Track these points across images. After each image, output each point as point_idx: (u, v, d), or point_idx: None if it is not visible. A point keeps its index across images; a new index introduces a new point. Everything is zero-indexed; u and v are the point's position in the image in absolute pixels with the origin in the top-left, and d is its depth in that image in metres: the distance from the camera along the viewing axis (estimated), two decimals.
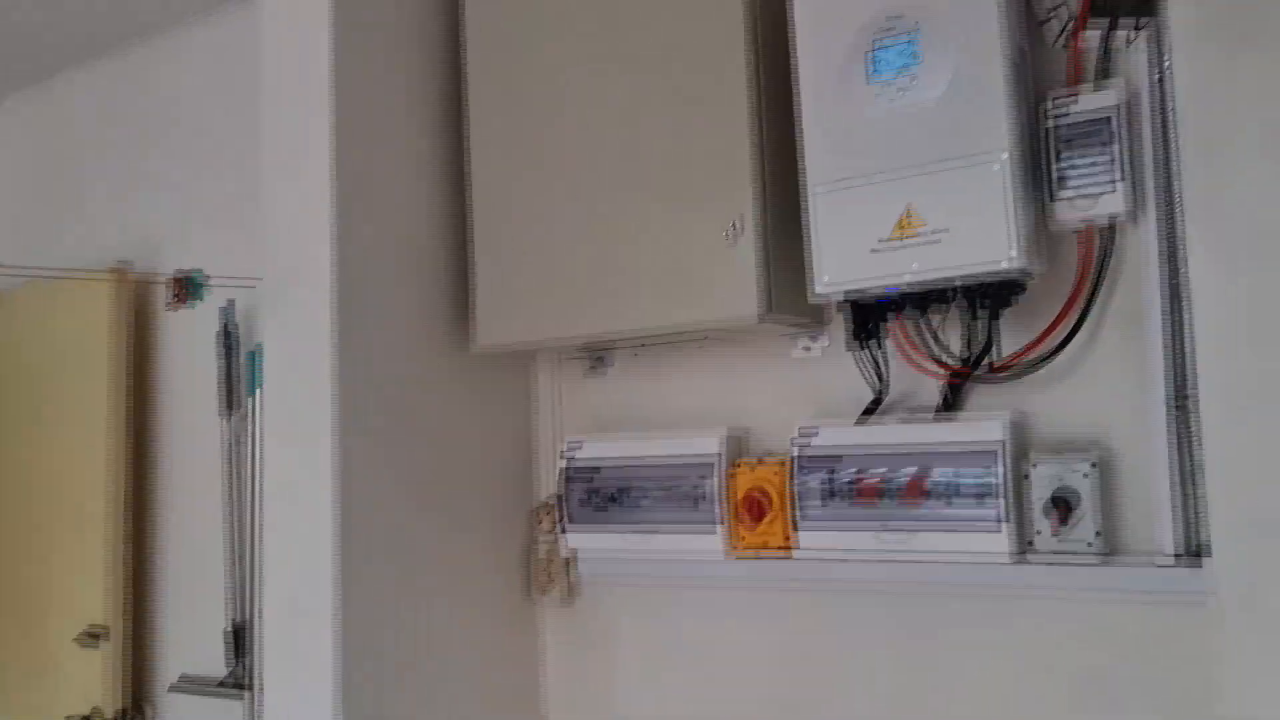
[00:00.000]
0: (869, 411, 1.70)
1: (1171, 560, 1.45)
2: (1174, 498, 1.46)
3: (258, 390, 2.04)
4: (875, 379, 1.68)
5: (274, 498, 1.74)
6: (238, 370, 2.08)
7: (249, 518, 2.02)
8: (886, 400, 1.69)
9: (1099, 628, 1.52)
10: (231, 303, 2.08)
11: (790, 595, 1.78)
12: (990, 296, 1.48)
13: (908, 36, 1.50)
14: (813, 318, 1.72)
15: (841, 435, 1.67)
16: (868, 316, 1.61)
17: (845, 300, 1.60)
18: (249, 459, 2.03)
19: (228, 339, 2.08)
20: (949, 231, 1.45)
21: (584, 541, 1.91)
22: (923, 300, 1.53)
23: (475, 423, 1.94)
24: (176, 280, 1.70)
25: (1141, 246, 1.50)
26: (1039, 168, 1.51)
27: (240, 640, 2.07)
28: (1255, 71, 1.33)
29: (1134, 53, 1.53)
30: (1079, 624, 1.53)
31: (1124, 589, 1.49)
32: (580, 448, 1.93)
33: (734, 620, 1.83)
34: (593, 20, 1.74)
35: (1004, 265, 1.41)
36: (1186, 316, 1.44)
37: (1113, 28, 1.54)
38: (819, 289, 1.55)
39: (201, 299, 1.74)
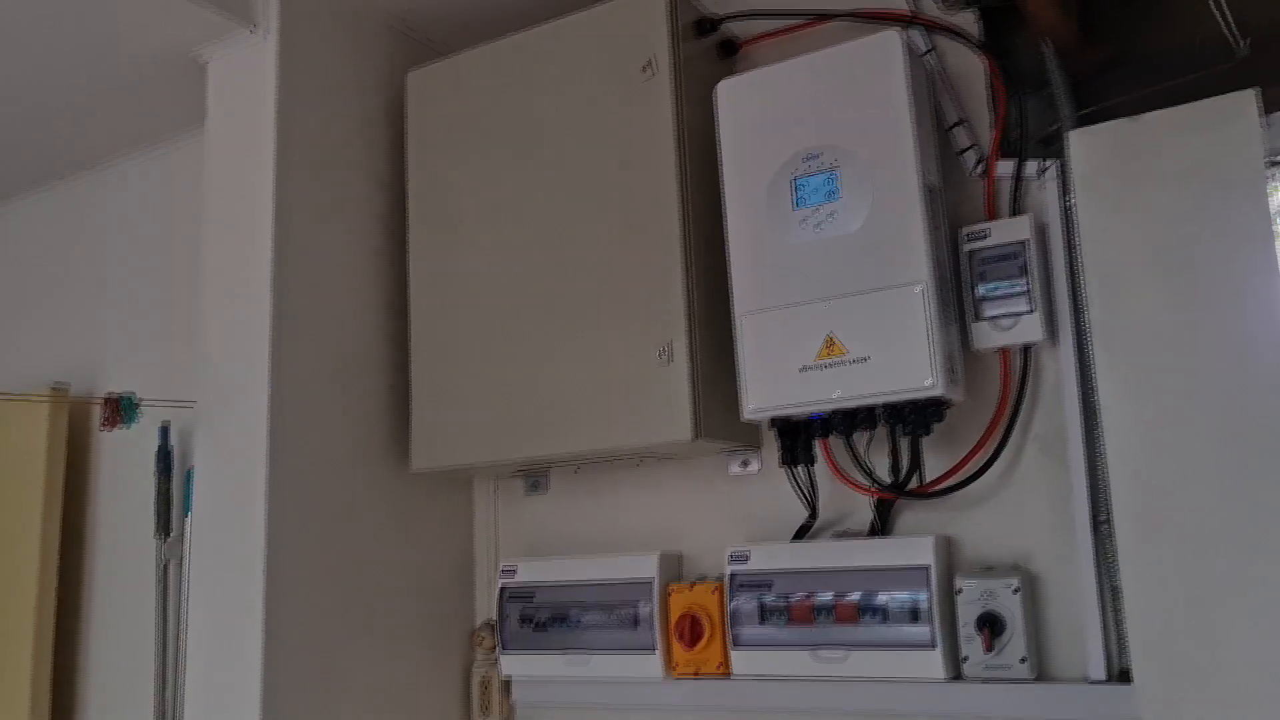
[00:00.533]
0: (802, 532, 1.71)
1: (1101, 681, 1.46)
2: (1101, 620, 1.48)
3: (189, 514, 2.03)
4: (807, 499, 1.69)
5: (200, 619, 1.71)
6: (173, 492, 2.06)
7: (179, 641, 1.97)
8: (819, 520, 1.71)
9: None
10: (167, 424, 2.07)
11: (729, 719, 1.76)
12: (913, 420, 1.52)
13: (826, 174, 1.56)
14: (747, 438, 1.74)
15: (774, 557, 1.68)
16: (797, 438, 1.64)
17: (773, 423, 1.63)
18: (183, 581, 2.00)
19: (164, 460, 2.07)
20: (870, 357, 1.49)
21: (521, 665, 1.89)
22: (850, 423, 1.56)
23: (413, 543, 1.93)
24: (108, 401, 1.70)
25: (1059, 370, 1.56)
26: (959, 294, 1.57)
27: None
28: (1148, 207, 1.41)
29: (1045, 188, 1.61)
30: None
31: (1055, 713, 1.49)
32: (515, 573, 1.92)
33: None
34: (532, 158, 1.80)
35: (924, 391, 1.45)
36: (1102, 439, 1.49)
37: (1021, 165, 1.62)
38: (746, 413, 1.58)
39: (134, 420, 1.74)
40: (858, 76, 1.56)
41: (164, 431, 2.08)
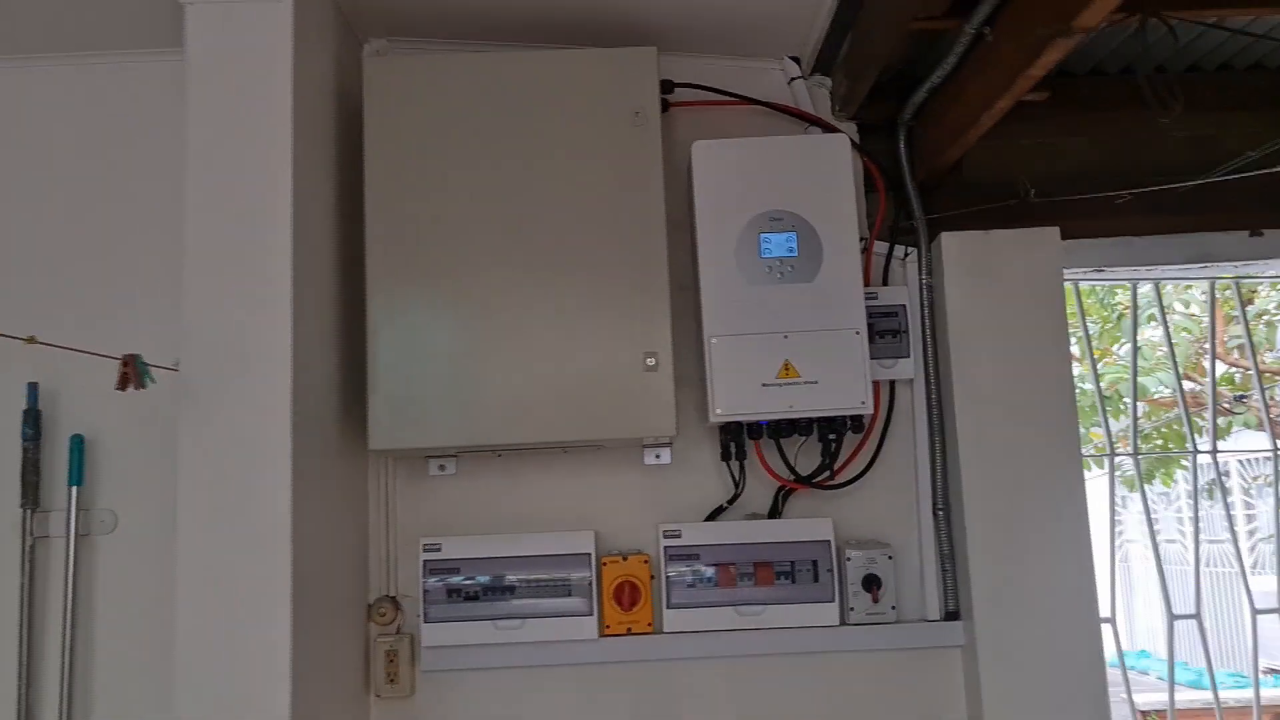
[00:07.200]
0: (715, 514, 2.12)
1: (937, 620, 2.09)
2: (938, 577, 2.11)
3: (76, 486, 1.81)
4: (736, 484, 2.11)
5: (192, 608, 1.61)
6: (41, 460, 1.81)
7: (68, 631, 1.76)
8: (735, 504, 2.13)
9: (888, 672, 2.08)
10: (35, 384, 1.84)
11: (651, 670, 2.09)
12: (840, 429, 2.02)
13: (787, 234, 2.01)
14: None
15: (700, 534, 2.07)
16: (736, 437, 2.05)
17: (724, 427, 2.02)
18: (67, 561, 1.78)
19: (35, 423, 1.81)
20: (819, 381, 1.96)
21: (446, 634, 2.02)
22: (790, 429, 2.02)
23: (326, 518, 1.93)
24: (127, 361, 1.52)
25: (913, 400, 2.16)
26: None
27: None
28: (993, 293, 2.09)
29: (905, 267, 2.21)
30: (877, 671, 2.08)
31: (908, 644, 2.08)
32: (439, 549, 2.05)
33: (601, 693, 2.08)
34: (507, 173, 1.98)
35: (858, 409, 1.97)
36: (939, 450, 2.12)
37: (892, 248, 2.21)
38: (714, 416, 1.96)
39: (149, 381, 1.56)
40: (815, 163, 2.03)
41: (32, 391, 1.83)
